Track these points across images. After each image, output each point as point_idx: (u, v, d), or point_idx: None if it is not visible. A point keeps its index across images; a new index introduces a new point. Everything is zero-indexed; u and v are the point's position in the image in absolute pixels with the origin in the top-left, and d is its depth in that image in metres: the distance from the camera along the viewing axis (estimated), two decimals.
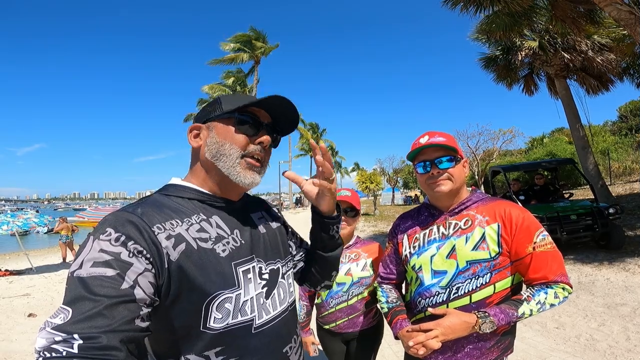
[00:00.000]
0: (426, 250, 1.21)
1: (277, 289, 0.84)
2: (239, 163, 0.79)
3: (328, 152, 0.85)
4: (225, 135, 0.79)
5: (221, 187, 0.82)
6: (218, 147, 0.79)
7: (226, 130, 0.79)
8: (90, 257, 0.61)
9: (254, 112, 0.82)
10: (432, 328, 1.06)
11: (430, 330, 1.06)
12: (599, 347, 3.04)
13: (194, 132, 0.83)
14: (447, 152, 1.17)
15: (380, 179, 21.99)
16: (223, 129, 0.80)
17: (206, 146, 0.80)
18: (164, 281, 0.66)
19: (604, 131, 19.75)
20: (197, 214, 0.77)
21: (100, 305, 0.56)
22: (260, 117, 0.83)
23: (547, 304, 1.08)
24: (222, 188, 0.82)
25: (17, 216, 9.34)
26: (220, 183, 0.81)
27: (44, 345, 0.53)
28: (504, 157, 21.01)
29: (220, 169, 0.79)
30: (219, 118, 0.80)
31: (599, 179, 9.02)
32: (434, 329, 1.06)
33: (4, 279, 8.00)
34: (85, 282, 0.58)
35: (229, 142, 0.79)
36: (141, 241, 0.64)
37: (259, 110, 0.83)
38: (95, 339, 0.53)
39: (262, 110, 0.83)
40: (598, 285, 4.59)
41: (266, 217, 0.94)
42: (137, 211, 0.69)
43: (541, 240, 1.11)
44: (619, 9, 5.45)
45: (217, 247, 0.74)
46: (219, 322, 0.71)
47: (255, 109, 0.82)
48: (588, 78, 9.91)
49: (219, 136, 0.79)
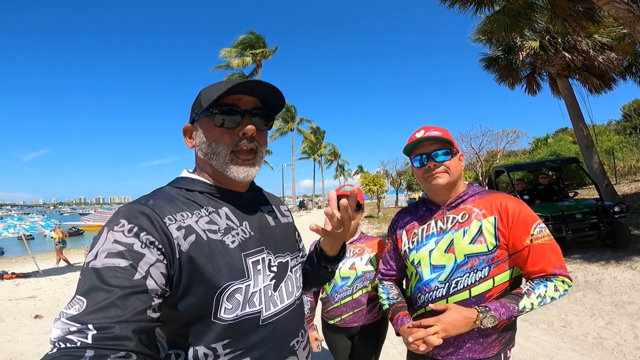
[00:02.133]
0: (425, 245, 1.21)
1: (285, 282, 0.84)
2: (230, 160, 0.77)
3: (348, 209, 0.80)
4: (209, 134, 0.78)
5: (224, 181, 0.82)
6: (206, 146, 0.78)
7: (208, 128, 0.78)
8: (105, 248, 0.62)
9: (234, 101, 0.77)
10: (432, 324, 1.05)
11: (431, 326, 1.05)
12: (607, 345, 3.00)
13: (188, 133, 0.84)
14: (443, 145, 1.18)
15: (384, 181, 21.93)
16: (206, 127, 0.79)
17: (197, 146, 0.81)
18: (175, 272, 0.67)
19: (608, 130, 19.58)
20: (207, 206, 0.77)
21: (113, 296, 0.57)
22: (241, 104, 0.78)
23: (547, 297, 1.07)
24: (225, 181, 0.82)
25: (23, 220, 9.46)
26: (221, 177, 0.82)
27: (59, 335, 0.54)
28: (508, 158, 20.90)
29: (214, 166, 0.79)
30: (201, 116, 0.79)
31: (604, 178, 8.94)
32: (434, 324, 1.05)
33: (11, 282, 8.09)
34: (99, 272, 0.59)
35: (214, 141, 0.77)
36: (153, 232, 0.65)
37: (239, 97, 0.78)
38: (109, 329, 0.54)
39: (242, 96, 0.78)
40: (605, 284, 4.54)
41: (276, 212, 0.93)
42: (149, 203, 0.70)
43: (538, 233, 1.10)
44: (617, 7, 5.43)
45: (227, 238, 0.74)
46: (229, 312, 0.71)
47: (235, 96, 0.77)
48: (590, 77, 9.86)
49: (204, 135, 0.79)
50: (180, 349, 0.71)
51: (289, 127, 35.96)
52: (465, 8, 7.78)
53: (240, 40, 21.11)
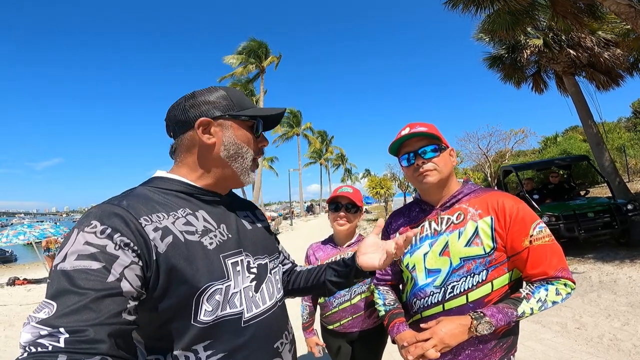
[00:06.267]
0: (419, 248, 1.16)
1: (266, 284, 0.84)
2: (250, 165, 0.84)
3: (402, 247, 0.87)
4: (245, 139, 0.82)
5: (219, 183, 0.82)
6: (237, 148, 0.80)
7: (246, 133, 0.83)
8: (74, 250, 0.59)
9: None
10: (428, 337, 1.00)
11: (427, 339, 1.00)
12: (623, 346, 2.90)
13: (202, 127, 0.78)
14: (430, 141, 1.12)
15: (391, 184, 21.76)
16: (242, 131, 0.82)
17: (222, 145, 0.79)
18: (152, 274, 0.65)
19: (618, 128, 19.17)
20: (183, 208, 0.75)
21: (86, 299, 0.55)
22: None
23: (548, 302, 1.01)
24: (219, 184, 0.82)
25: (33, 227, 9.65)
26: (222, 180, 0.82)
27: (29, 339, 0.52)
28: (517, 158, 20.59)
29: (234, 169, 0.81)
30: (235, 118, 0.81)
31: (615, 175, 8.74)
32: (430, 337, 1.00)
33: (22, 288, 8.24)
34: (69, 275, 0.57)
35: (246, 146, 0.82)
36: (128, 234, 0.63)
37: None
38: (82, 332, 0.52)
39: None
40: (620, 284, 4.41)
41: (252, 217, 0.94)
42: (122, 203, 0.67)
43: (538, 233, 1.04)
44: (618, 2, 5.35)
45: (204, 239, 0.73)
46: (209, 314, 0.70)
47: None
48: (597, 74, 9.69)
49: (237, 138, 0.81)
50: (159, 353, 0.69)
51: (295, 132, 36.11)
52: (467, 9, 7.75)
53: (242, 47, 21.36)
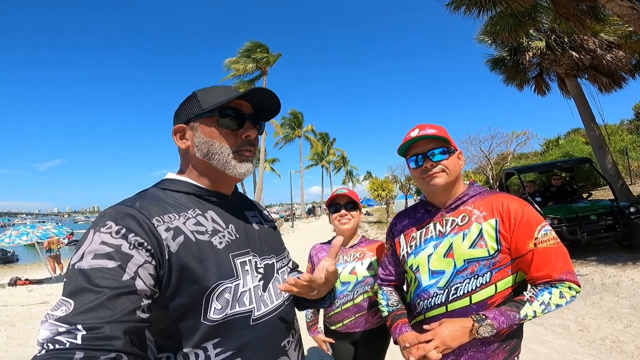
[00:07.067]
0: (423, 250, 1.16)
1: (273, 283, 0.85)
2: (232, 158, 0.80)
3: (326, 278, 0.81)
4: (212, 134, 0.79)
5: (216, 182, 0.83)
6: (208, 146, 0.80)
7: (211, 129, 0.80)
8: (91, 249, 0.61)
9: (236, 106, 0.82)
10: (430, 338, 1.01)
11: (429, 341, 1.01)
12: (626, 348, 2.89)
13: (178, 134, 0.83)
14: (439, 144, 1.12)
15: (393, 187, 21.72)
16: (207, 128, 0.80)
17: (195, 146, 0.81)
18: (165, 273, 0.67)
19: (620, 130, 19.11)
20: (193, 208, 0.77)
21: (102, 297, 0.56)
22: (243, 109, 0.83)
23: (552, 305, 1.01)
24: (216, 183, 0.84)
25: (36, 227, 9.70)
26: (214, 178, 0.83)
27: (48, 336, 0.53)
28: (519, 161, 20.53)
29: (214, 165, 0.80)
30: (200, 117, 0.80)
31: (618, 178, 8.71)
32: (431, 338, 1.00)
33: (24, 288, 8.25)
34: (86, 273, 0.59)
35: (217, 141, 0.79)
36: (142, 234, 0.65)
37: (241, 102, 0.83)
38: (99, 330, 0.54)
39: (243, 102, 0.84)
40: (623, 286, 4.39)
41: (259, 217, 0.95)
42: (135, 205, 0.70)
43: (543, 236, 1.04)
44: (621, 4, 5.35)
45: (214, 239, 0.75)
46: (218, 312, 0.71)
47: (237, 101, 0.82)
48: (599, 76, 9.68)
49: (205, 136, 0.80)
50: (169, 351, 0.70)
51: (296, 134, 36.10)
52: (469, 11, 7.76)
53: (243, 49, 21.47)
